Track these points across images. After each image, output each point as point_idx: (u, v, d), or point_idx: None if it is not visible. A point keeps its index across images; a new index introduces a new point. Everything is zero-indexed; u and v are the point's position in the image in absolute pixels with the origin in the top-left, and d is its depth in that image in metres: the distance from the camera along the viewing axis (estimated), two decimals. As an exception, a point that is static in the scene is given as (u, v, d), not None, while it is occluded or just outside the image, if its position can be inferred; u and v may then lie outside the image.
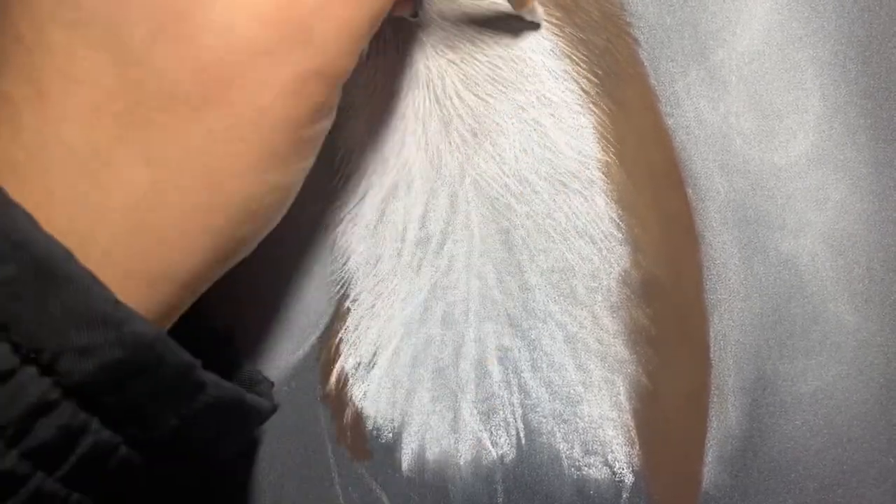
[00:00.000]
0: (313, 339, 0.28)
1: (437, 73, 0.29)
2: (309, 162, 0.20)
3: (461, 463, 0.27)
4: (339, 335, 0.28)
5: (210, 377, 0.18)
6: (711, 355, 0.27)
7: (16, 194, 0.16)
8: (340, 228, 0.29)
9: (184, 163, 0.17)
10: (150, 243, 0.17)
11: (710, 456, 0.27)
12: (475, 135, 0.29)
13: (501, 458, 0.27)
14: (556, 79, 0.29)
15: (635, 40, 0.29)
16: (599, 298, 0.28)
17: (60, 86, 0.16)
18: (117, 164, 0.16)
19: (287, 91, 0.17)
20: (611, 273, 0.28)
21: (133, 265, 0.17)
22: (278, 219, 0.21)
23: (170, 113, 0.16)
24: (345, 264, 0.29)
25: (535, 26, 0.28)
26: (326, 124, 0.20)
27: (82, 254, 0.16)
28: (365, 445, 0.27)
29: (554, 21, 0.29)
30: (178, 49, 0.16)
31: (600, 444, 0.27)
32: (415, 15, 0.26)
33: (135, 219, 0.16)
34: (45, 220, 0.16)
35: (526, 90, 0.29)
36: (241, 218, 0.18)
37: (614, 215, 0.28)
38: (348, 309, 0.28)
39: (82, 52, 0.16)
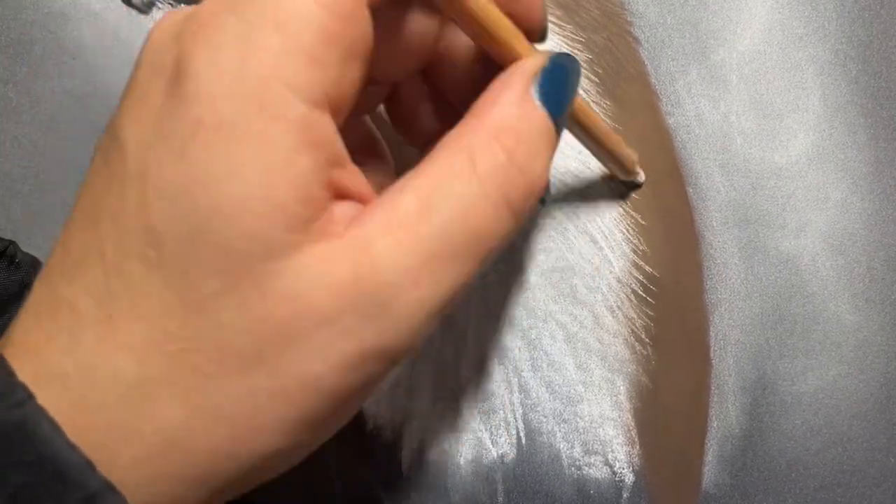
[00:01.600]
0: (313, 338, 0.28)
1: (437, 72, 0.29)
2: (342, 423, 0.20)
3: (461, 462, 0.27)
4: (339, 335, 0.28)
5: None
6: (711, 355, 0.27)
7: (55, 402, 0.16)
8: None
9: (220, 412, 0.17)
10: (165, 476, 0.17)
11: (711, 455, 0.27)
12: (475, 134, 0.29)
13: (501, 457, 0.27)
14: (557, 78, 0.29)
15: (636, 39, 0.29)
16: (599, 298, 0.28)
17: (128, 317, 0.16)
18: (157, 399, 0.16)
19: (345, 364, 0.17)
20: (611, 272, 0.28)
21: (145, 491, 0.17)
22: (292, 465, 0.21)
23: (219, 364, 0.16)
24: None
25: (637, 185, 0.28)
26: (372, 392, 0.19)
27: (104, 468, 0.16)
28: (365, 445, 0.27)
29: (554, 20, 0.29)
30: (243, 308, 0.16)
31: (600, 444, 0.27)
32: (542, 202, 0.26)
33: (159, 449, 0.17)
34: (73, 430, 0.16)
35: (526, 89, 0.29)
36: (254, 468, 0.18)
37: (614, 214, 0.28)
38: (348, 308, 0.28)
39: (156, 291, 0.16)
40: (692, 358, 0.27)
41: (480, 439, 0.27)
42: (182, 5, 0.29)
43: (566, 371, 0.27)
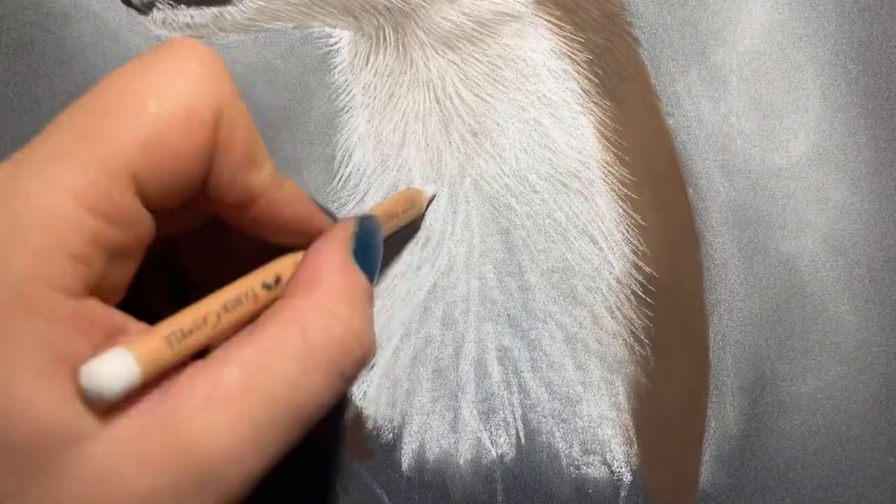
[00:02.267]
0: (313, 338, 0.28)
1: (437, 73, 0.29)
2: None
3: (461, 462, 0.27)
4: (339, 335, 0.28)
5: None
6: (711, 355, 0.27)
7: None
8: (340, 228, 0.29)
9: None
10: None
11: (709, 455, 0.27)
12: (475, 135, 0.29)
13: (501, 457, 0.27)
14: (557, 78, 0.29)
15: (636, 40, 0.29)
16: (599, 298, 0.28)
17: None
18: None
19: None
20: (611, 273, 0.28)
21: None
22: None
23: None
24: (345, 264, 0.29)
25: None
26: None
27: None
28: (365, 445, 0.27)
29: (554, 21, 0.29)
30: (46, 495, 0.16)
31: (599, 444, 0.27)
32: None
33: None
34: None
35: (526, 90, 0.29)
36: None
37: (614, 215, 0.28)
38: (348, 309, 0.28)
39: None
40: (691, 358, 0.27)
41: (480, 439, 0.27)
42: (182, 6, 0.29)
43: (565, 371, 0.27)
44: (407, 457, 0.27)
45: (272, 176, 0.20)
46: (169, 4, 0.29)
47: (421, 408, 0.27)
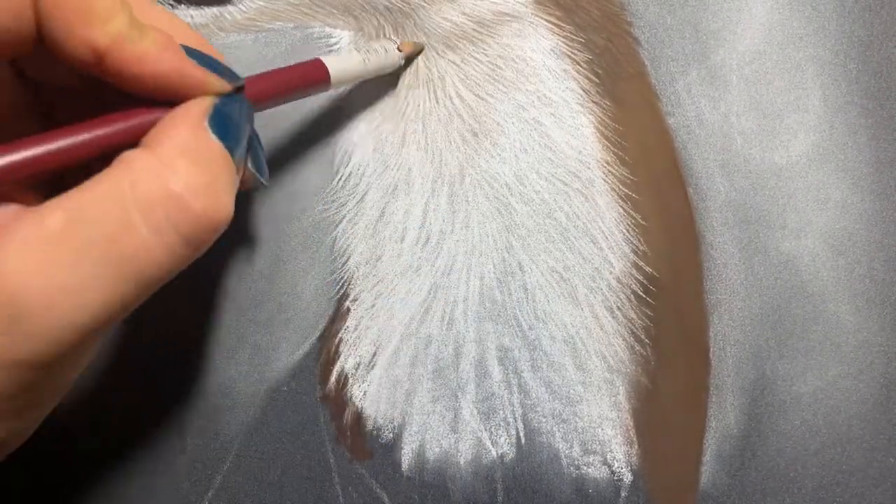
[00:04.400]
0: (313, 339, 0.28)
1: (437, 73, 0.29)
2: (30, 417, 0.19)
3: (461, 462, 0.27)
4: (339, 335, 0.28)
5: None
6: (711, 355, 0.27)
7: None
8: (340, 228, 0.29)
9: None
10: None
11: (709, 455, 0.27)
12: (475, 134, 0.29)
13: (501, 457, 0.27)
14: (557, 78, 0.29)
15: (636, 40, 0.29)
16: (600, 298, 0.28)
17: None
18: None
19: None
20: (611, 273, 0.28)
21: None
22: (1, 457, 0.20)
23: None
24: (345, 264, 0.29)
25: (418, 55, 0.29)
26: (48, 389, 0.19)
27: None
28: (365, 445, 0.27)
29: (554, 21, 0.29)
30: None
31: (599, 444, 0.27)
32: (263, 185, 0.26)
33: None
34: None
35: (526, 90, 0.29)
36: None
37: (615, 215, 0.28)
38: (348, 309, 0.28)
39: None
40: (691, 358, 0.27)
41: (480, 439, 0.27)
42: (182, 6, 0.29)
43: (566, 371, 0.27)
44: (407, 457, 0.27)
45: (122, 29, 0.18)
46: (169, 4, 0.29)
47: (421, 408, 0.27)
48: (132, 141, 0.19)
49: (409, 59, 0.29)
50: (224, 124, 0.20)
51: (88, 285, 0.17)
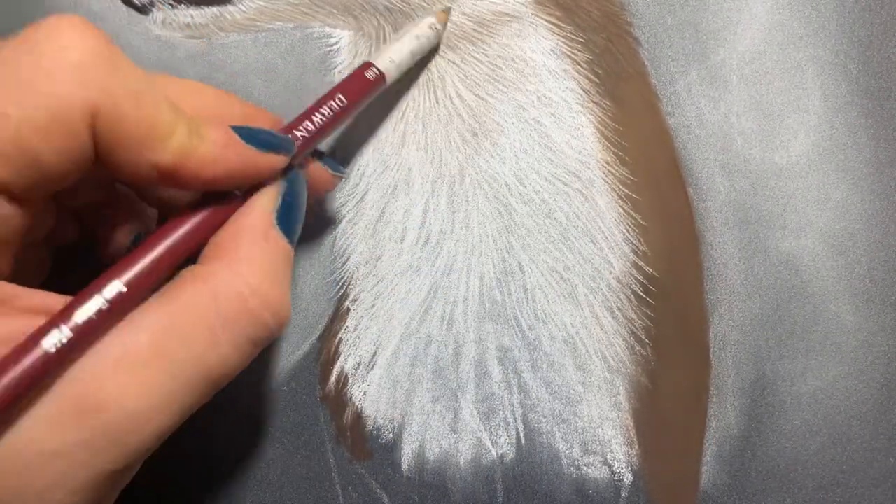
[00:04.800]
0: (313, 339, 0.28)
1: (437, 73, 0.29)
2: None
3: (461, 463, 0.27)
4: (339, 335, 0.28)
5: None
6: (711, 355, 0.27)
7: None
8: (340, 228, 0.29)
9: None
10: None
11: (709, 455, 0.27)
12: (475, 134, 0.29)
13: (501, 457, 0.27)
14: (557, 78, 0.29)
15: (636, 40, 0.29)
16: (600, 298, 0.28)
17: None
18: None
19: (83, 489, 0.17)
20: (611, 273, 0.28)
21: None
22: None
23: None
24: (345, 264, 0.29)
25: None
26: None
27: None
28: (365, 445, 0.27)
29: (554, 21, 0.29)
30: None
31: (599, 444, 0.27)
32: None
33: None
34: None
35: (526, 90, 0.29)
36: None
37: (615, 215, 0.28)
38: (348, 309, 0.28)
39: None
40: (692, 358, 0.27)
41: (480, 439, 0.27)
42: (182, 6, 0.29)
43: (566, 371, 0.27)
44: (407, 457, 0.27)
45: (184, 142, 0.19)
46: (169, 4, 0.29)
47: (421, 408, 0.27)
48: (202, 240, 0.20)
49: (444, 28, 0.29)
50: (288, 216, 0.21)
51: (178, 400, 0.18)
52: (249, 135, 0.20)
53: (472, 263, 0.28)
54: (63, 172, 0.18)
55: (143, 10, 0.29)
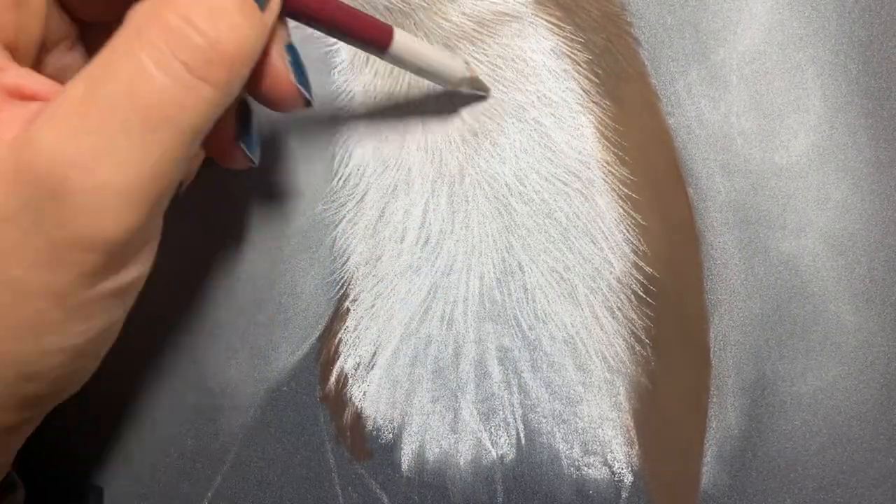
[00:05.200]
0: (313, 339, 0.28)
1: (437, 72, 0.29)
2: (101, 322, 0.18)
3: (461, 463, 0.27)
4: (339, 335, 0.28)
5: None
6: (711, 355, 0.27)
7: None
8: (340, 228, 0.29)
9: None
10: None
11: (710, 456, 0.27)
12: (475, 134, 0.29)
13: (501, 458, 0.27)
14: (557, 78, 0.29)
15: (636, 40, 0.29)
16: (600, 298, 0.28)
17: None
18: None
19: (40, 261, 0.16)
20: (611, 273, 0.28)
21: None
22: (82, 376, 0.20)
23: None
24: (345, 264, 0.29)
25: (478, 97, 0.28)
26: (112, 284, 0.18)
27: None
28: (365, 445, 0.27)
29: (554, 21, 0.29)
30: None
31: (600, 444, 0.27)
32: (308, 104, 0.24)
33: None
34: None
35: (526, 90, 0.29)
36: (18, 380, 0.17)
37: (615, 215, 0.28)
38: (348, 309, 0.28)
39: None
40: (692, 358, 0.27)
41: (480, 440, 0.27)
42: (182, 6, 0.29)
43: (566, 372, 0.27)
44: (407, 457, 0.27)
45: None
46: (169, 4, 0.29)
47: (421, 408, 0.27)
48: None
49: (474, 86, 0.28)
50: None
51: (120, 143, 0.16)
52: None
53: (472, 263, 0.28)
54: None
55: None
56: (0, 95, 0.17)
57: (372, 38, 0.24)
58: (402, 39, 0.25)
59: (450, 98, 0.29)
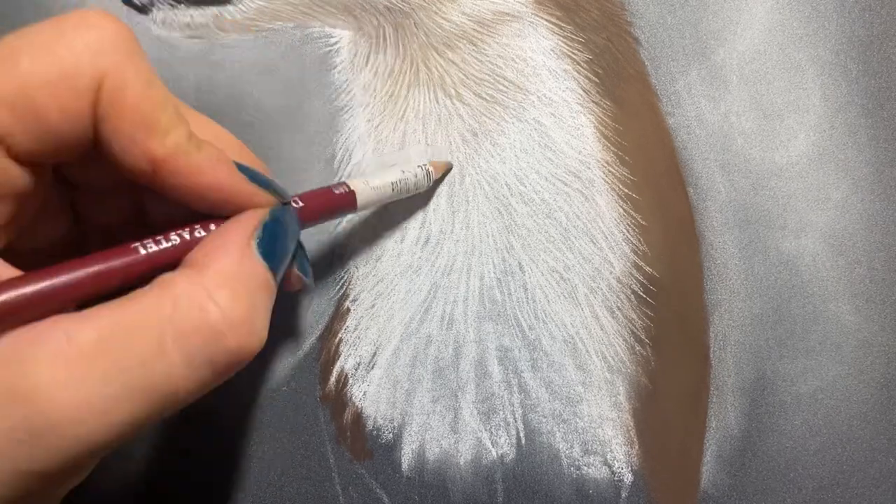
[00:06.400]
0: (313, 338, 0.28)
1: (437, 73, 0.29)
2: None
3: (461, 463, 0.27)
4: (339, 335, 0.28)
5: None
6: (711, 355, 0.27)
7: None
8: (341, 228, 0.29)
9: None
10: None
11: (709, 455, 0.27)
12: (475, 135, 0.29)
13: (501, 457, 0.27)
14: (557, 78, 0.29)
15: (636, 39, 0.29)
16: (600, 298, 0.28)
17: None
18: None
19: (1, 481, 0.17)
20: (611, 273, 0.28)
21: None
22: None
23: None
24: (345, 264, 0.29)
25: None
26: (56, 497, 0.19)
27: None
28: (365, 445, 0.27)
29: (554, 20, 0.29)
30: None
31: (600, 444, 0.27)
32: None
33: None
34: None
35: (526, 90, 0.29)
36: None
37: (615, 215, 0.28)
38: (348, 309, 0.28)
39: None
40: (692, 358, 0.27)
41: (480, 439, 0.27)
42: (182, 6, 0.29)
43: (566, 371, 0.27)
44: (407, 457, 0.27)
45: (181, 142, 0.19)
46: (169, 4, 0.29)
47: (421, 408, 0.27)
48: (177, 257, 0.19)
49: (438, 182, 0.28)
50: (271, 243, 0.20)
51: (115, 407, 0.17)
52: (245, 169, 0.20)
53: (473, 263, 0.28)
54: (64, 136, 0.18)
55: (143, 9, 0.29)
56: None
57: (337, 210, 0.24)
58: (363, 193, 0.25)
59: (450, 99, 0.29)
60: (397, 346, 0.28)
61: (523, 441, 0.27)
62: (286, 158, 0.29)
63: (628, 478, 0.27)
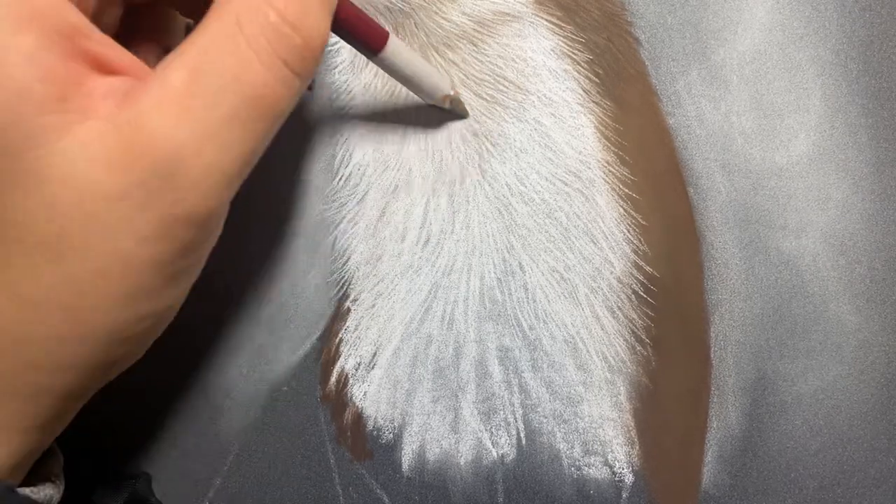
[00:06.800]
0: (313, 339, 0.28)
1: (437, 72, 0.29)
2: (185, 286, 0.20)
3: (461, 463, 0.27)
4: (340, 335, 0.28)
5: None
6: (712, 355, 0.27)
7: None
8: (340, 228, 0.29)
9: (46, 301, 0.17)
10: (20, 366, 0.18)
11: (710, 455, 0.27)
12: (475, 135, 0.29)
13: (502, 458, 0.27)
14: (557, 78, 0.29)
15: (636, 39, 0.29)
16: (600, 298, 0.28)
17: None
18: None
19: (151, 236, 0.18)
20: (612, 273, 0.28)
21: (5, 382, 0.18)
22: (151, 341, 0.21)
23: (28, 257, 0.17)
24: (345, 264, 0.29)
25: (457, 116, 0.29)
26: (202, 253, 0.20)
27: None
28: (365, 446, 0.27)
29: (554, 21, 0.29)
30: (27, 199, 0.17)
31: (600, 444, 0.27)
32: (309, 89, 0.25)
33: (4, 344, 0.17)
34: None
35: (526, 90, 0.29)
36: (110, 345, 0.19)
37: (615, 215, 0.28)
38: (348, 309, 0.28)
39: None
40: (692, 358, 0.27)
41: (480, 440, 0.27)
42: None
43: (566, 371, 0.27)
44: (407, 457, 0.27)
45: None
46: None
47: (421, 408, 0.27)
48: None
49: (455, 106, 0.28)
50: None
51: (225, 129, 0.18)
52: None
53: (473, 263, 0.28)
54: None
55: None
56: (86, 65, 0.18)
57: (368, 37, 0.25)
58: (396, 45, 0.25)
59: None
60: (398, 346, 0.28)
61: (524, 441, 0.27)
62: (286, 158, 0.29)
63: (629, 478, 0.27)
